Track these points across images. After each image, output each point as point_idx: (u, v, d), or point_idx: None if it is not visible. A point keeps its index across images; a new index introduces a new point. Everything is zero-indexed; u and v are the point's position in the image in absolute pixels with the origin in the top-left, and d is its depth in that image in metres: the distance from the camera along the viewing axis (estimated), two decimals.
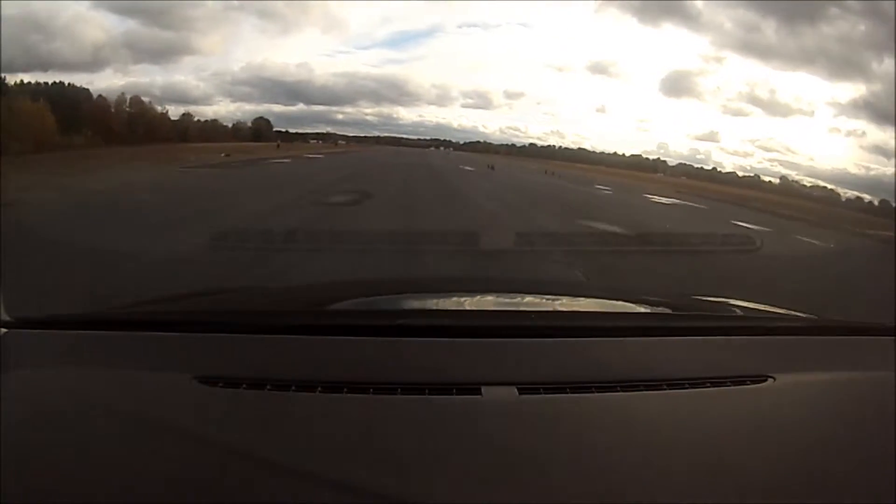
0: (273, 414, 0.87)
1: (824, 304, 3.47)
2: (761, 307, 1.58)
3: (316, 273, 3.51)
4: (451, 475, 0.73)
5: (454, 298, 1.55)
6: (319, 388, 0.90)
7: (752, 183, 11.25)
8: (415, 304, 1.49)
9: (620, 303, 1.56)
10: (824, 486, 0.74)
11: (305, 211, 6.67)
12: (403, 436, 0.81)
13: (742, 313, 1.48)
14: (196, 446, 0.77)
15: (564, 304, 1.54)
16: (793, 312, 1.49)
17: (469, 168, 12.55)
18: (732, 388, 0.95)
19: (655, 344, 1.10)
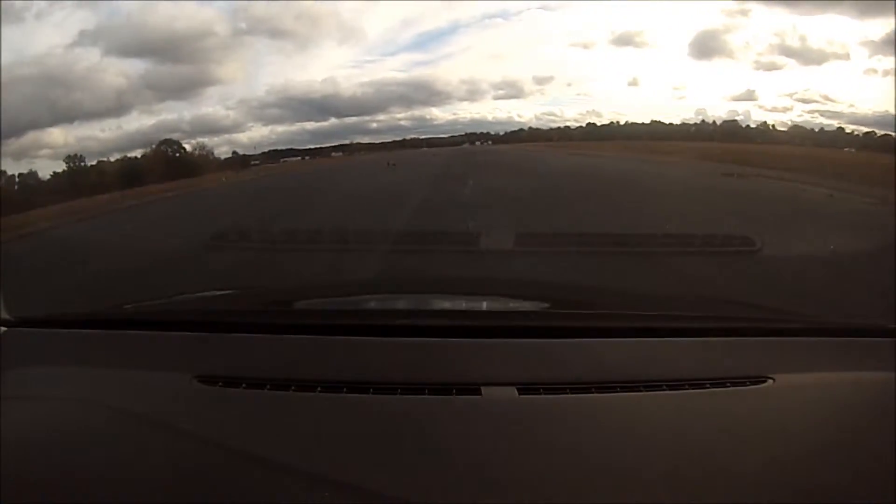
0: (273, 414, 0.87)
1: None
2: (761, 307, 1.58)
3: None
4: (451, 475, 0.73)
5: (454, 298, 1.55)
6: (319, 388, 0.90)
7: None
8: (415, 304, 1.49)
9: (620, 303, 1.55)
10: (824, 486, 0.74)
11: None
12: (403, 436, 0.81)
13: (742, 313, 1.48)
14: (196, 446, 0.77)
15: (564, 304, 1.54)
16: (793, 312, 1.49)
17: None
18: (732, 388, 0.95)
19: (655, 344, 1.10)
